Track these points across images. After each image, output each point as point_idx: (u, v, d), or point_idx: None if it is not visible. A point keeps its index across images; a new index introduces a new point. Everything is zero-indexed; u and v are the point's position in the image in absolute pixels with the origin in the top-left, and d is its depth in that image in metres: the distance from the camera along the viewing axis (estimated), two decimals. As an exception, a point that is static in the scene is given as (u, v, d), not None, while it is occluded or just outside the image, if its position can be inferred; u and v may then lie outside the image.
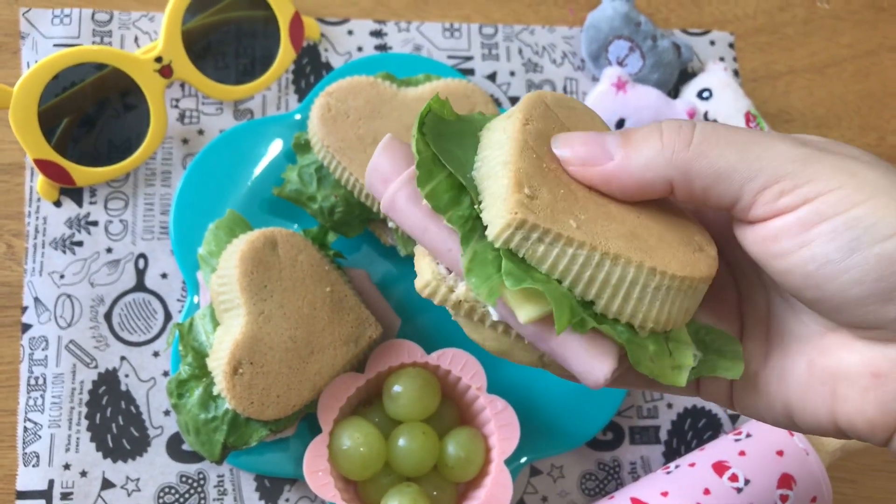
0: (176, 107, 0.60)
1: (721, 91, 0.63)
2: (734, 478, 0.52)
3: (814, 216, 0.27)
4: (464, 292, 0.30)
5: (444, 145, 0.30)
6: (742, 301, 0.34)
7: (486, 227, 0.29)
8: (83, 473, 0.53)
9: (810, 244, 0.27)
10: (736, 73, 0.68)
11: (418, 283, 0.31)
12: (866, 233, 0.26)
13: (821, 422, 0.30)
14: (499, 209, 0.28)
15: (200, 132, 0.60)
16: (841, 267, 0.27)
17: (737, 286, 0.35)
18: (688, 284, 0.29)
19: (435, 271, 0.31)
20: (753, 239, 0.29)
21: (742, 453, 0.53)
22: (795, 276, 0.28)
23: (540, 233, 0.28)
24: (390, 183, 0.31)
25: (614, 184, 0.30)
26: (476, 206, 0.29)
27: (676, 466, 0.54)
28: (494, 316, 0.30)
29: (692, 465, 0.54)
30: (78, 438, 0.54)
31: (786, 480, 0.52)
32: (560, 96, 0.33)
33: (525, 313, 0.28)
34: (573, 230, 0.28)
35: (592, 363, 0.29)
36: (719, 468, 0.53)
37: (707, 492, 0.52)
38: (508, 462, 0.54)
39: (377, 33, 0.64)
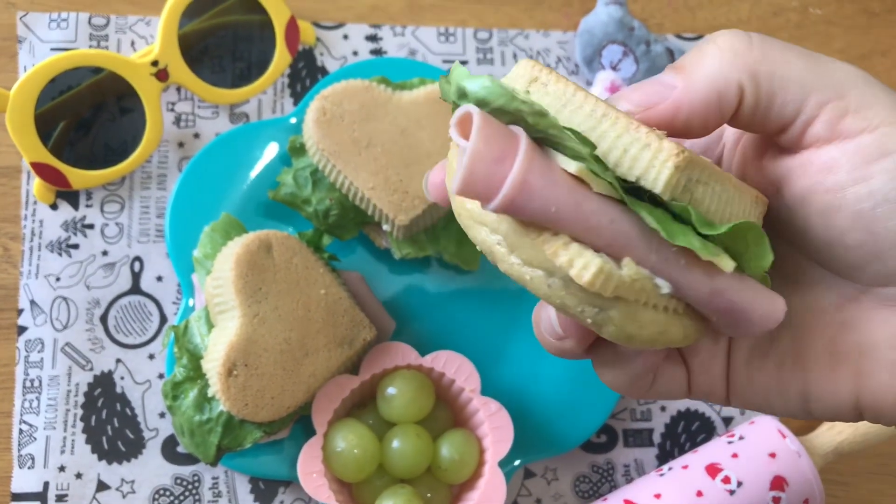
0: (172, 110, 0.61)
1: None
2: (727, 480, 0.52)
3: (876, 147, 0.25)
4: (635, 270, 0.25)
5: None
6: None
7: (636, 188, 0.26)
8: (78, 475, 0.53)
9: (869, 179, 0.25)
10: (729, 77, 0.69)
11: (586, 276, 0.25)
12: None
13: (841, 405, 0.28)
14: (653, 159, 0.25)
15: (196, 136, 0.61)
16: (883, 200, 0.25)
17: None
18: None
19: (594, 255, 0.25)
20: (803, 169, 0.27)
21: (735, 455, 0.53)
22: (845, 215, 0.26)
23: (699, 172, 0.26)
24: (507, 161, 0.24)
25: (685, 111, 0.27)
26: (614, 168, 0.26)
27: (669, 469, 0.55)
28: (665, 289, 0.26)
29: (685, 467, 0.54)
30: (73, 440, 0.54)
31: (778, 482, 0.52)
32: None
33: (727, 263, 0.25)
34: (712, 166, 0.26)
35: (772, 300, 0.27)
36: (712, 470, 0.53)
37: (700, 494, 0.52)
38: (502, 464, 0.54)
39: (372, 38, 0.64)
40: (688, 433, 0.60)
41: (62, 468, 0.53)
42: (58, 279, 0.56)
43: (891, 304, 0.27)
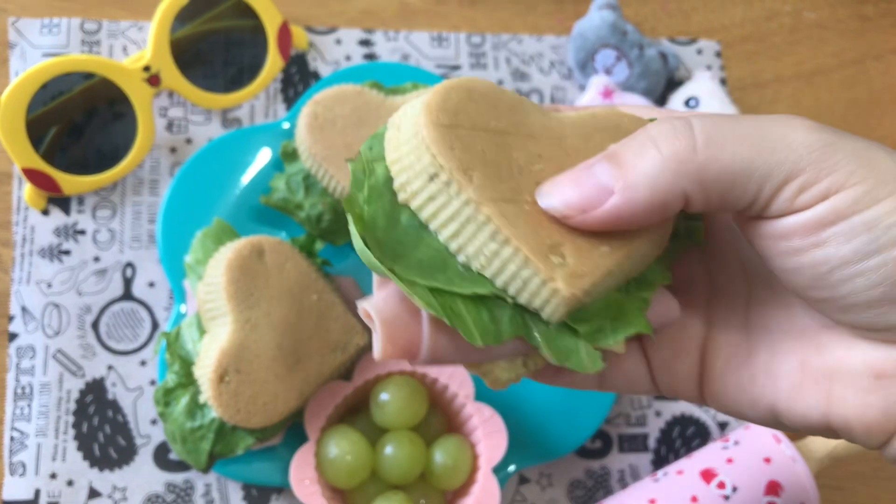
0: (164, 116, 0.61)
1: (708, 99, 0.63)
2: (721, 485, 0.52)
3: (831, 214, 0.24)
4: (541, 362, 0.29)
5: (408, 262, 0.27)
6: (715, 288, 0.32)
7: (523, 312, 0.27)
8: (70, 483, 0.53)
9: (824, 244, 0.25)
10: (723, 81, 0.69)
11: (496, 385, 0.29)
12: (885, 233, 0.24)
13: (811, 422, 0.28)
14: (550, 297, 0.26)
15: (188, 141, 0.60)
16: (856, 269, 0.24)
17: (709, 272, 0.32)
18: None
19: (501, 370, 0.29)
20: (762, 234, 0.26)
21: (730, 460, 0.53)
22: (804, 276, 0.26)
23: (595, 293, 0.27)
24: (414, 349, 0.27)
25: (625, 220, 0.26)
26: (509, 300, 0.27)
27: (664, 474, 0.54)
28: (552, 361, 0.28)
29: (680, 472, 0.54)
30: (65, 448, 0.54)
31: (773, 487, 0.52)
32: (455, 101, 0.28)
33: (619, 348, 0.28)
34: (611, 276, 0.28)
35: (667, 306, 0.30)
36: (707, 475, 0.53)
37: (694, 499, 0.52)
38: (497, 470, 0.54)
39: (365, 42, 0.64)
40: (683, 438, 0.60)
41: (53, 475, 0.53)
42: (49, 285, 0.56)
43: (868, 336, 0.27)
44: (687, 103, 0.64)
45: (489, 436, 0.52)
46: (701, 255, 0.33)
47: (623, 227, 0.27)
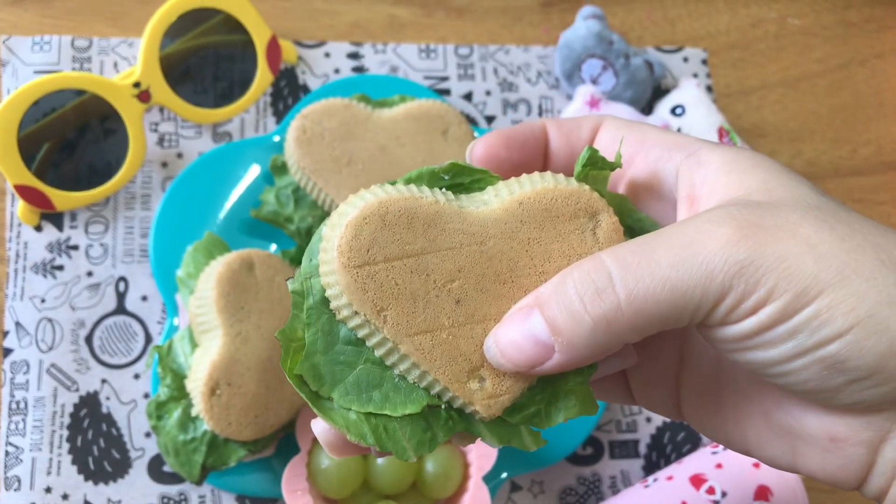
0: (155, 131, 0.61)
1: (694, 107, 0.64)
2: (711, 490, 0.53)
3: (759, 326, 0.25)
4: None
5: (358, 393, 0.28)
6: (686, 344, 0.33)
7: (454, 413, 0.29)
8: (65, 496, 0.53)
9: (757, 349, 0.26)
10: (709, 88, 0.69)
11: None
12: (808, 339, 0.25)
13: (782, 467, 0.29)
14: (475, 412, 0.29)
15: (179, 155, 0.61)
16: (788, 368, 0.26)
17: (680, 332, 0.33)
18: None
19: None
20: (703, 334, 0.27)
21: (719, 466, 0.54)
22: (747, 367, 0.27)
23: (507, 408, 0.29)
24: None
25: (571, 368, 0.27)
26: (444, 405, 0.29)
27: (655, 480, 0.55)
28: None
29: (670, 478, 0.54)
30: (59, 462, 0.54)
31: (762, 492, 0.53)
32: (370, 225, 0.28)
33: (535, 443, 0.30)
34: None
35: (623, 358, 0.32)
36: (696, 481, 0.53)
37: (684, 504, 0.52)
38: (488, 478, 0.55)
39: (354, 55, 0.65)
40: (674, 444, 0.61)
41: (49, 489, 0.53)
42: (43, 301, 0.56)
43: (819, 405, 0.28)
44: (673, 111, 0.64)
45: (479, 444, 0.52)
46: None
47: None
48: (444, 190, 0.30)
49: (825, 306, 0.24)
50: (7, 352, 0.55)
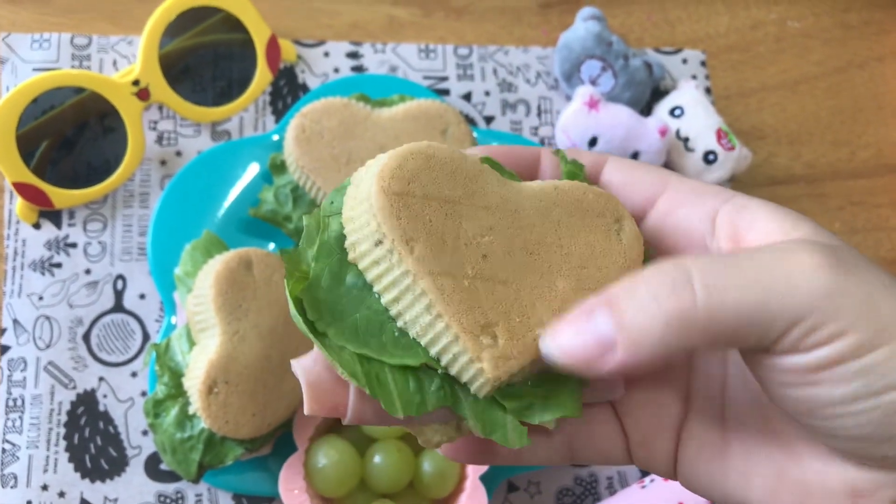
0: (154, 129, 0.61)
1: (692, 108, 0.64)
2: (708, 491, 0.52)
3: (830, 359, 0.24)
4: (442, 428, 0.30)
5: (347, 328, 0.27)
6: (696, 368, 0.32)
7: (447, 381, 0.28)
8: (61, 494, 0.53)
9: (821, 384, 0.25)
10: (708, 90, 0.69)
11: (428, 445, 0.30)
12: (880, 380, 0.24)
13: None
14: (477, 375, 0.27)
15: (178, 154, 0.61)
16: (847, 410, 0.25)
17: (686, 376, 0.32)
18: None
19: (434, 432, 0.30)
20: (761, 366, 0.26)
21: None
22: (798, 406, 0.26)
23: (512, 374, 0.28)
24: (341, 408, 0.28)
25: (628, 373, 0.26)
26: (439, 370, 0.27)
27: (651, 480, 0.55)
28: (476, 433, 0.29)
29: (667, 479, 0.54)
30: (56, 459, 0.54)
31: (759, 493, 0.52)
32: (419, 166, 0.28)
33: (551, 423, 0.28)
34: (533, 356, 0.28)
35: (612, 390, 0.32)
36: (693, 482, 0.53)
37: (681, 505, 0.52)
38: (485, 478, 0.55)
39: (353, 55, 0.65)
40: (671, 445, 0.61)
41: (45, 487, 0.53)
42: (41, 298, 0.56)
43: (843, 454, 0.27)
44: (672, 112, 0.64)
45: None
46: None
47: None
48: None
49: None
50: (4, 349, 0.55)
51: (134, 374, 0.56)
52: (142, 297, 0.58)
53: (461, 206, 0.28)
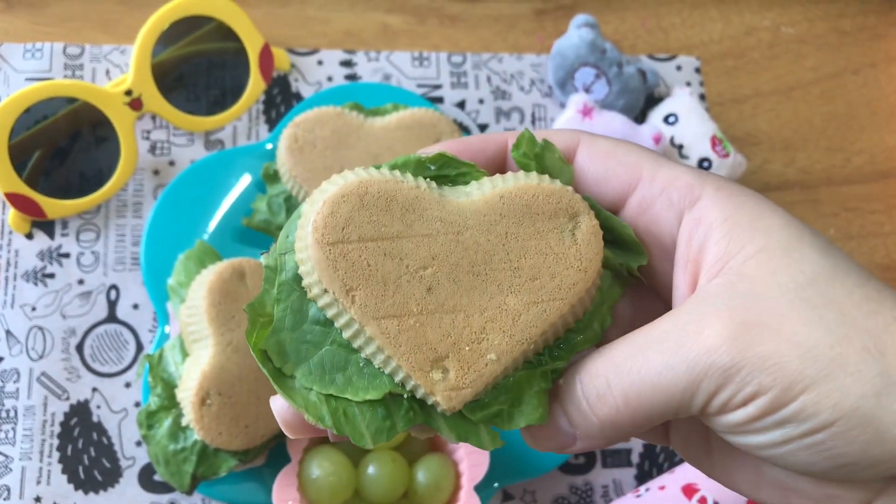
0: (147, 138, 0.61)
1: (687, 115, 0.64)
2: (703, 500, 0.52)
3: (750, 416, 0.26)
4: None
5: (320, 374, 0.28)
6: None
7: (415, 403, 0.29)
8: (54, 506, 0.53)
9: (749, 433, 0.27)
10: (702, 97, 0.69)
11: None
12: (797, 428, 0.26)
13: None
14: (436, 403, 0.28)
15: (171, 163, 0.61)
16: (777, 452, 0.27)
17: None
18: None
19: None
20: (707, 421, 0.28)
21: (711, 475, 0.54)
22: (743, 446, 0.28)
23: (468, 402, 0.29)
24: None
25: (598, 449, 0.30)
26: (406, 394, 0.29)
27: (647, 489, 0.55)
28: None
29: (662, 487, 0.54)
30: (49, 471, 0.54)
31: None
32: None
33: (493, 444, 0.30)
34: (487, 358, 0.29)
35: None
36: (689, 491, 0.53)
37: (676, 514, 0.52)
38: (480, 488, 0.54)
39: (347, 63, 0.65)
40: (666, 453, 0.61)
41: (38, 499, 0.53)
42: (34, 309, 0.56)
43: (817, 478, 0.28)
44: (666, 120, 0.64)
45: (471, 454, 0.52)
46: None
47: None
48: (427, 179, 0.30)
49: (811, 401, 0.25)
50: (-3, 360, 0.55)
51: (128, 385, 0.56)
52: (135, 307, 0.58)
53: (400, 241, 0.28)
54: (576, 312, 0.30)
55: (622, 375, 0.28)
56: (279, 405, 0.29)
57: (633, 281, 0.32)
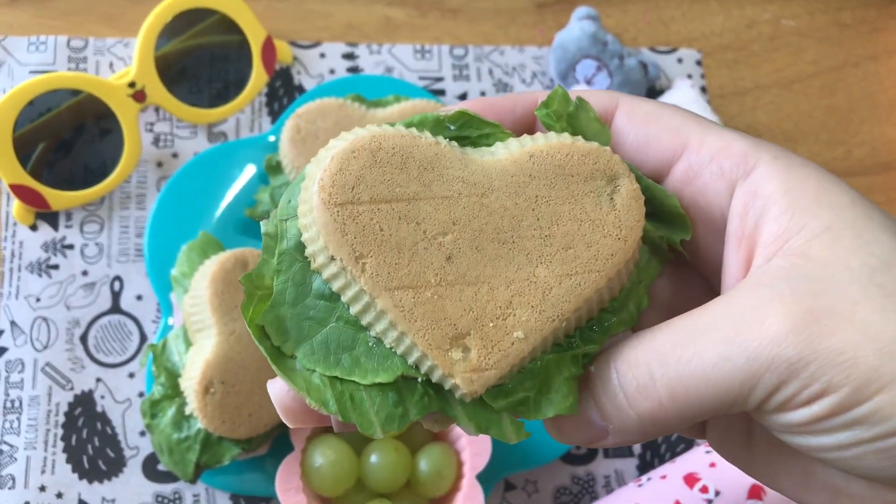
0: (150, 130, 0.61)
1: (688, 107, 0.64)
2: (705, 489, 0.53)
3: (815, 416, 0.23)
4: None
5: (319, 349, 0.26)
6: None
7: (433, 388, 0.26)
8: (59, 495, 0.53)
9: (811, 434, 0.24)
10: (703, 89, 0.69)
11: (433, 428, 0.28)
12: (869, 431, 0.23)
13: None
14: (454, 388, 0.25)
15: (175, 155, 0.61)
16: (842, 455, 0.24)
17: None
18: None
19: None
20: (760, 418, 0.26)
21: (713, 465, 0.54)
22: (801, 447, 0.25)
23: (490, 386, 0.26)
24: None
25: (619, 444, 0.27)
26: (420, 377, 0.26)
27: (648, 479, 0.55)
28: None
29: (663, 477, 0.54)
30: (54, 460, 0.54)
31: (756, 491, 0.53)
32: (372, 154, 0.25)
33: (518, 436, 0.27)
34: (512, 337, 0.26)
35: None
36: (690, 480, 0.53)
37: (678, 503, 0.52)
38: (481, 477, 0.55)
39: (349, 56, 0.65)
40: (668, 443, 0.61)
41: (43, 488, 0.53)
42: (38, 300, 0.57)
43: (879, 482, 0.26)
44: (667, 112, 0.64)
45: (473, 443, 0.52)
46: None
47: None
48: (447, 140, 0.27)
49: (887, 402, 0.23)
50: (2, 350, 0.55)
51: (131, 375, 0.56)
52: (139, 298, 0.58)
53: (417, 203, 0.25)
54: (612, 288, 0.27)
55: (668, 366, 0.24)
56: (277, 388, 0.26)
57: (673, 257, 0.29)
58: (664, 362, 0.25)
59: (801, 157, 0.26)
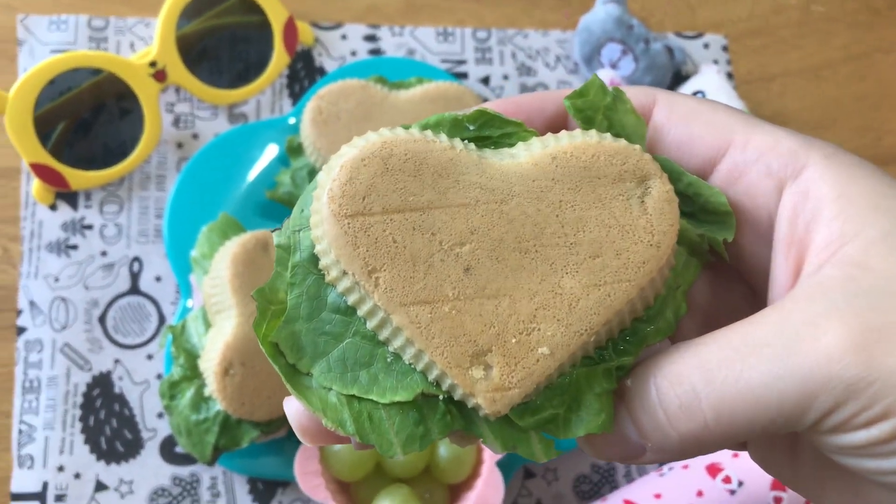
0: (171, 111, 0.61)
1: (714, 94, 0.63)
2: (727, 479, 0.52)
3: (874, 439, 0.22)
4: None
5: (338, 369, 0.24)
6: None
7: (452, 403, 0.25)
8: (77, 475, 0.53)
9: (868, 457, 0.23)
10: (730, 75, 0.68)
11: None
12: None
13: None
14: (477, 406, 0.24)
15: (195, 136, 0.61)
16: None
17: None
18: None
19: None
20: (812, 438, 0.24)
21: (736, 455, 0.53)
22: (854, 468, 0.24)
23: (514, 405, 0.24)
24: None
25: (658, 462, 0.26)
26: (442, 395, 0.24)
27: (670, 468, 0.54)
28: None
29: (685, 466, 0.54)
30: (72, 441, 0.54)
31: (779, 483, 0.52)
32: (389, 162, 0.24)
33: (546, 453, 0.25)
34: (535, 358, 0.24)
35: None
36: (713, 470, 0.53)
37: (700, 493, 0.51)
38: (501, 464, 0.54)
39: (371, 38, 0.65)
40: (689, 433, 0.60)
41: (61, 468, 0.53)
42: (57, 280, 0.56)
43: None
44: (693, 97, 0.63)
45: (493, 429, 0.52)
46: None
47: None
48: (465, 141, 0.25)
49: None
50: (21, 330, 0.55)
51: (149, 357, 0.56)
52: (158, 279, 0.58)
53: (432, 212, 0.24)
54: (646, 297, 0.25)
55: (714, 384, 0.23)
56: (293, 408, 0.25)
57: (713, 258, 0.27)
58: (710, 380, 0.23)
59: (854, 155, 0.25)
